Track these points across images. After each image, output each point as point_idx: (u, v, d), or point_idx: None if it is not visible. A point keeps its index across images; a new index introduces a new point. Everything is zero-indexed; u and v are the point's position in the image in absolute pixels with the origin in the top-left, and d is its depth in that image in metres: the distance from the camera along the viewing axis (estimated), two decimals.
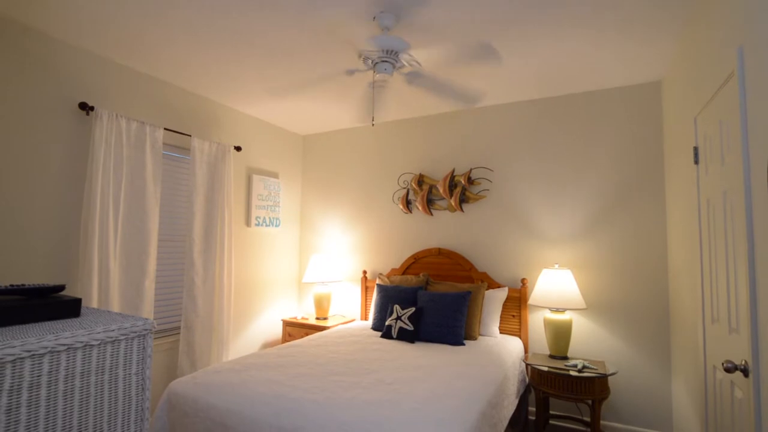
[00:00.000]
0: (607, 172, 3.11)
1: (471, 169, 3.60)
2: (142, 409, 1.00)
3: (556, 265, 3.15)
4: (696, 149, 2.06)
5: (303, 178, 4.60)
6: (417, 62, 2.34)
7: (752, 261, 1.41)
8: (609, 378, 2.88)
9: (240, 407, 1.88)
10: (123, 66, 2.84)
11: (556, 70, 2.84)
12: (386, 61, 2.22)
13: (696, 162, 2.07)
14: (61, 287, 1.12)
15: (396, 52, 2.20)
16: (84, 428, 0.90)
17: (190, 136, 3.22)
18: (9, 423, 0.79)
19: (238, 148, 3.63)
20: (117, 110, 2.79)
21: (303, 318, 3.97)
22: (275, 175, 4.22)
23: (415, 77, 2.52)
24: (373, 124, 2.75)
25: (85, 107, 2.55)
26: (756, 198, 1.38)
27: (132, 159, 2.80)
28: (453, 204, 3.60)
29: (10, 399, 0.79)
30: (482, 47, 2.49)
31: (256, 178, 3.90)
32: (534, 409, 3.21)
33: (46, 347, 0.84)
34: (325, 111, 3.78)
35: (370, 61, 2.26)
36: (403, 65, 2.32)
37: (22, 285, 1.09)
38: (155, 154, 2.91)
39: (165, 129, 3.03)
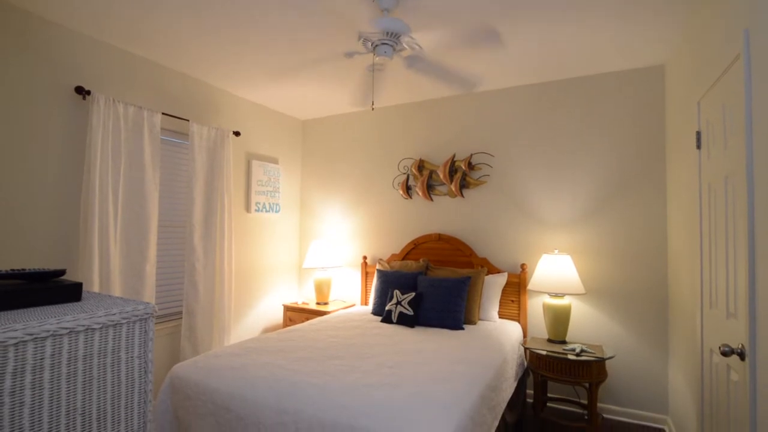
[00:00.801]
0: (608, 158, 3.09)
1: (471, 155, 3.58)
2: (145, 392, 1.01)
3: (556, 251, 3.16)
4: (698, 134, 2.05)
5: (303, 163, 4.58)
6: (418, 45, 2.30)
7: (752, 245, 1.41)
8: (607, 361, 2.91)
9: (241, 390, 1.91)
10: (119, 50, 2.79)
11: (557, 53, 2.80)
12: (386, 44, 2.19)
13: (698, 147, 2.06)
14: (62, 272, 1.13)
15: (397, 35, 2.17)
16: (88, 410, 0.91)
17: (188, 121, 3.20)
18: (14, 405, 0.80)
19: (237, 134, 3.60)
20: (114, 95, 2.76)
21: (303, 303, 4.00)
22: (275, 161, 4.20)
23: (415, 61, 2.48)
24: (372, 108, 2.72)
25: (81, 91, 2.52)
26: (758, 181, 1.37)
27: (130, 144, 2.78)
28: (453, 189, 3.59)
29: (14, 381, 0.80)
30: (483, 30, 2.45)
31: (255, 163, 3.88)
32: (532, 392, 3.25)
33: (48, 331, 0.84)
34: (324, 95, 3.74)
35: (370, 43, 2.22)
36: (404, 48, 2.29)
37: (23, 269, 1.09)
38: (153, 139, 2.89)
39: (163, 114, 3.00)
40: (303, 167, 4.58)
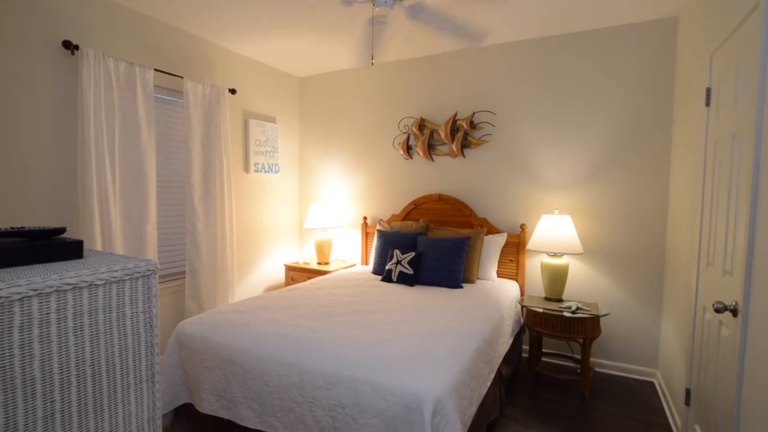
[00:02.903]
0: (614, 116, 3.02)
1: (474, 113, 3.50)
2: (152, 345, 1.04)
3: (556, 211, 3.16)
4: (708, 90, 1.99)
5: (301, 122, 4.49)
6: None
7: (755, 202, 1.40)
8: (601, 318, 2.99)
9: (246, 345, 1.97)
10: (107, 0, 2.66)
11: (564, 4, 2.67)
12: None
13: (707, 104, 2.00)
14: (62, 230, 1.12)
15: None
16: (97, 362, 0.93)
17: (182, 78, 3.10)
18: (24, 357, 0.82)
19: (233, 91, 3.51)
20: (104, 50, 2.66)
21: (305, 263, 4.06)
22: (272, 120, 4.11)
23: (417, 11, 2.37)
24: (372, 64, 2.63)
25: (69, 46, 2.42)
26: (766, 136, 1.34)
27: (123, 102, 2.71)
28: (454, 149, 3.54)
29: (22, 335, 0.81)
30: None
31: (252, 122, 3.80)
32: (527, 347, 3.36)
33: (52, 286, 0.85)
34: (321, 50, 3.61)
35: None
36: None
37: (23, 227, 1.09)
38: (147, 96, 2.81)
39: (155, 70, 2.90)
40: (301, 127, 4.49)
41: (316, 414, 1.71)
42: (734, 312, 1.50)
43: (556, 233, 2.91)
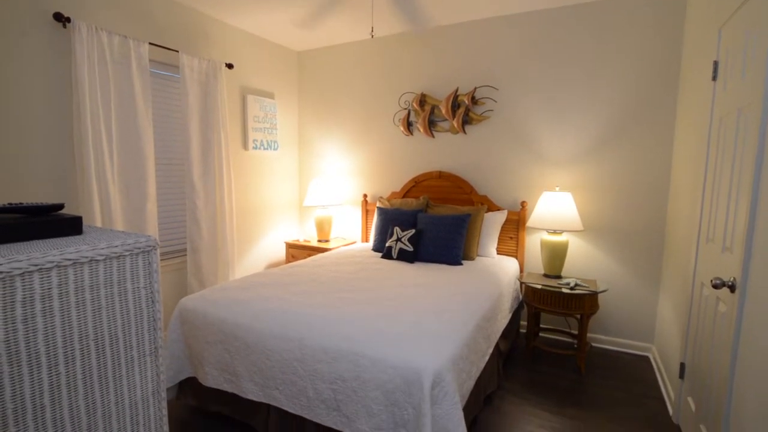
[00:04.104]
0: (618, 91, 2.97)
1: (475, 88, 3.44)
2: (154, 320, 1.05)
3: (557, 188, 3.15)
4: (716, 64, 1.94)
5: (299, 98, 4.42)
6: None
7: (758, 177, 1.39)
8: (599, 294, 3.02)
9: (248, 320, 1.99)
10: None
11: None
12: None
13: (714, 78, 1.96)
14: (60, 206, 1.12)
15: None
16: (100, 335, 0.95)
17: (177, 52, 3.03)
18: (27, 331, 0.83)
19: (230, 66, 3.44)
20: (96, 23, 2.59)
21: (305, 240, 4.07)
22: (270, 96, 4.05)
23: None
24: (372, 36, 2.56)
25: (60, 18, 2.36)
26: None
27: (118, 77, 2.66)
28: (455, 125, 3.50)
29: (25, 309, 0.82)
30: None
31: (250, 98, 3.74)
32: (526, 323, 3.41)
33: (52, 262, 0.85)
34: (319, 22, 3.51)
35: None
36: None
37: (20, 203, 1.08)
38: (142, 71, 2.76)
39: (150, 44, 2.83)
40: (300, 103, 4.42)
41: (317, 387, 1.75)
42: (732, 288, 1.51)
43: (557, 210, 2.91)
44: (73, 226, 1.04)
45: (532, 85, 3.25)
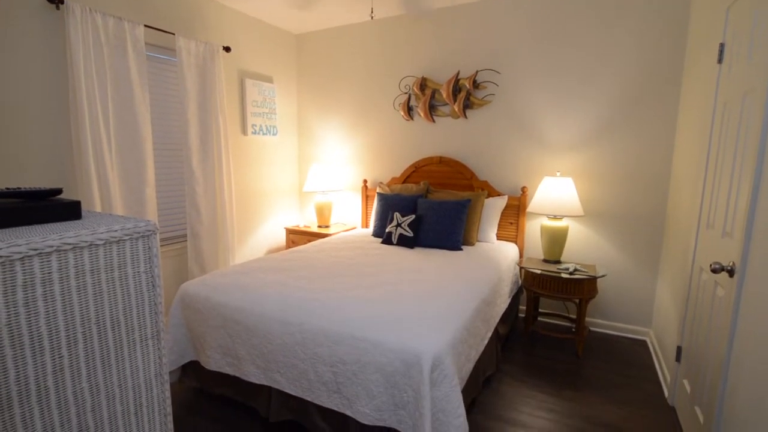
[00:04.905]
0: (622, 74, 2.93)
1: (477, 72, 3.39)
2: (155, 304, 1.05)
3: (558, 173, 3.13)
4: (722, 46, 1.91)
5: (298, 82, 4.37)
6: None
7: (761, 161, 1.38)
8: (598, 279, 3.04)
9: (249, 305, 2.01)
10: None
11: None
12: None
13: (719, 61, 1.93)
14: (59, 190, 1.11)
15: None
16: (102, 319, 0.95)
17: (173, 34, 2.98)
18: (29, 315, 0.83)
19: (227, 49, 3.38)
20: (90, 4, 2.54)
21: (305, 226, 4.07)
22: (269, 80, 4.00)
23: None
24: (372, 18, 2.51)
25: (53, 0, 2.31)
26: None
27: (114, 60, 2.62)
28: (456, 110, 3.46)
29: (26, 293, 0.82)
30: None
31: (249, 82, 3.70)
32: (524, 307, 3.44)
33: (52, 246, 0.85)
34: (318, 3, 3.44)
35: None
36: None
37: (18, 188, 1.08)
38: (138, 54, 2.72)
39: (146, 26, 2.79)
40: (299, 87, 4.37)
41: (318, 370, 1.77)
42: (731, 272, 1.52)
43: (557, 196, 2.90)
44: (71, 211, 1.03)
45: (535, 68, 3.20)
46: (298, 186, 4.51)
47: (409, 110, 3.73)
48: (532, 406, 2.24)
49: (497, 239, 3.43)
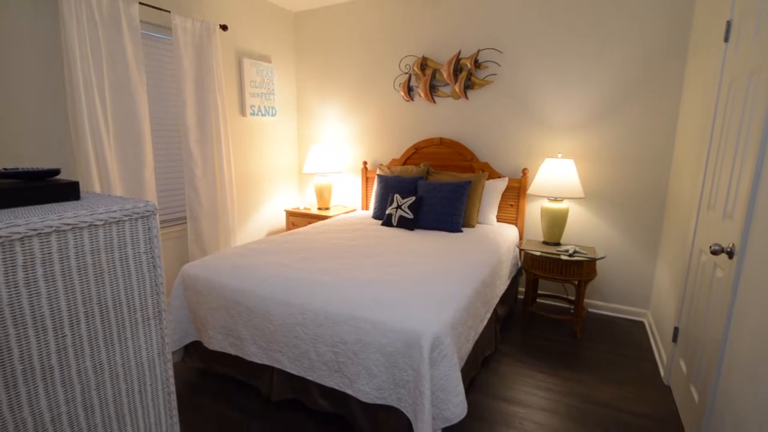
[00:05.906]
0: (625, 54, 2.88)
1: (478, 51, 3.33)
2: (156, 284, 1.06)
3: (559, 155, 3.11)
4: (729, 24, 1.87)
5: (297, 62, 4.29)
6: None
7: (765, 141, 1.36)
8: (597, 261, 3.05)
9: (250, 286, 2.02)
10: None
11: None
12: None
13: (726, 39, 1.89)
14: (57, 171, 1.10)
15: None
16: (103, 299, 0.96)
17: (169, 12, 2.91)
18: (30, 295, 0.84)
19: (224, 27, 3.32)
20: None
21: (305, 208, 4.07)
22: (267, 59, 3.93)
23: None
24: None
25: None
26: None
27: (109, 39, 2.56)
28: (457, 90, 3.42)
29: (26, 273, 0.82)
30: None
31: (247, 62, 3.63)
32: (523, 289, 3.46)
33: (51, 226, 0.85)
34: None
35: None
36: None
37: (16, 168, 1.07)
38: (133, 33, 2.66)
39: (140, 3, 2.72)
40: (298, 67, 4.30)
41: (319, 349, 1.79)
42: (731, 254, 1.52)
43: (558, 177, 2.89)
44: (70, 191, 1.03)
45: (537, 48, 3.14)
46: (297, 167, 4.49)
47: (409, 90, 3.68)
48: (530, 386, 2.28)
49: (497, 221, 3.43)
